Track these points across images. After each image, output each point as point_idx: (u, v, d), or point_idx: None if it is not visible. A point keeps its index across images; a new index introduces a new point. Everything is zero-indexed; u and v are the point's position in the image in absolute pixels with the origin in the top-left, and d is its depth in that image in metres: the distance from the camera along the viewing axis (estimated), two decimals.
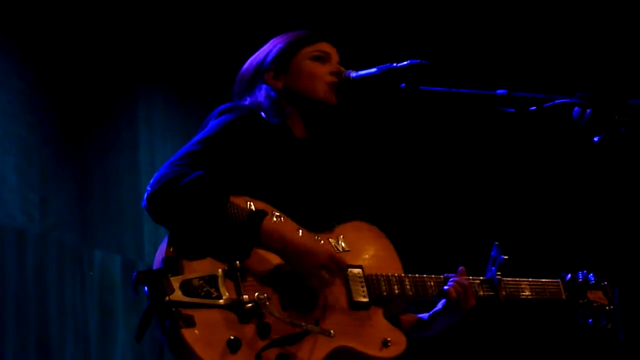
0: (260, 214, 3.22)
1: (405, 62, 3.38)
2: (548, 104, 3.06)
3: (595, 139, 2.89)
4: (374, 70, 3.48)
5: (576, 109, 2.97)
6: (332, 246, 3.45)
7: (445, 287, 3.58)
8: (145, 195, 3.23)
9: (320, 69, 3.63)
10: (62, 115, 5.90)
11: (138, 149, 6.25)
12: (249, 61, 3.73)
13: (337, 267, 3.30)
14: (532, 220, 6.77)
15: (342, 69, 3.63)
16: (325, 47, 3.69)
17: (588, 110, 2.93)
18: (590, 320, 3.90)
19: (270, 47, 3.71)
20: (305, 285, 3.28)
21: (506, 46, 6.76)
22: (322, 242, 3.42)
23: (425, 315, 3.74)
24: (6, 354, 5.31)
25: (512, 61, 6.64)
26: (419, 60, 3.36)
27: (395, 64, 3.40)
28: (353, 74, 3.55)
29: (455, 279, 3.60)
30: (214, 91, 3.90)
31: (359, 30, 6.75)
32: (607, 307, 3.91)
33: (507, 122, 5.74)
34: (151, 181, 3.23)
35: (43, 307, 5.54)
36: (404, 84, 3.38)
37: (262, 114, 3.55)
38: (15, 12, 5.74)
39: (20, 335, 5.40)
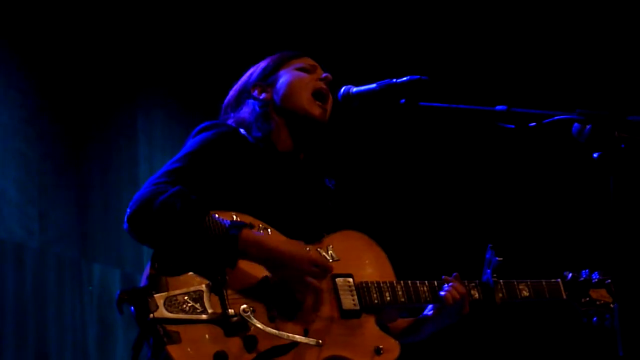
0: (239, 225, 3.22)
1: (405, 78, 3.38)
2: (547, 120, 3.06)
3: (595, 155, 2.89)
4: (373, 86, 3.47)
5: (576, 125, 2.97)
6: (321, 255, 3.45)
7: (442, 293, 3.57)
8: (125, 217, 3.24)
9: (306, 77, 3.65)
10: (61, 129, 5.91)
11: (138, 163, 6.25)
12: (232, 88, 3.77)
13: (322, 270, 3.30)
14: (533, 232, 6.78)
15: (329, 76, 3.66)
16: (309, 61, 3.74)
17: (588, 127, 2.93)
18: (594, 319, 3.86)
19: (253, 69, 3.77)
20: (293, 295, 3.28)
21: (506, 62, 6.77)
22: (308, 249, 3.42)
23: (414, 319, 3.72)
24: None
25: (511, 77, 6.65)
26: (418, 76, 3.35)
27: (395, 80, 3.40)
28: (353, 89, 3.55)
29: (452, 284, 3.59)
30: (214, 106, 3.90)
31: (360, 45, 6.76)
32: (611, 305, 3.86)
33: (507, 138, 5.76)
34: (130, 203, 3.24)
35: (42, 321, 5.53)
36: (403, 100, 3.37)
37: (242, 130, 3.56)
38: (16, 26, 5.75)
39: (19, 349, 5.39)
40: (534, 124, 3.09)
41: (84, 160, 6.01)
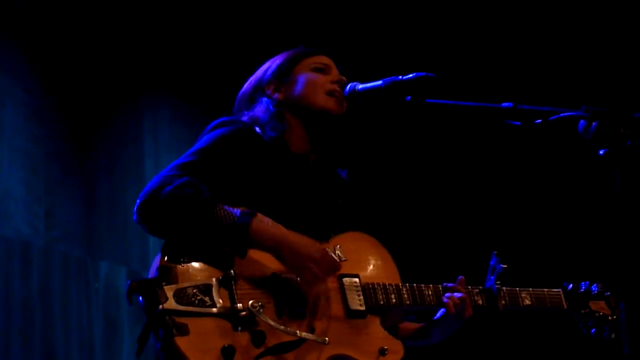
0: (250, 214, 3.23)
1: (411, 75, 3.38)
2: (553, 117, 3.06)
3: (601, 152, 2.89)
4: (379, 82, 3.48)
5: (582, 122, 2.97)
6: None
7: (444, 300, 3.58)
8: (135, 208, 3.25)
9: (321, 78, 3.65)
10: (67, 127, 5.91)
11: (144, 161, 6.25)
12: (248, 81, 3.77)
13: (330, 263, 3.32)
14: (537, 232, 6.77)
15: (344, 78, 3.65)
16: (324, 59, 3.73)
17: (594, 124, 2.93)
18: (593, 330, 3.89)
19: (269, 64, 3.76)
20: (301, 291, 3.30)
21: (512, 59, 6.77)
22: None
23: (424, 324, 3.74)
24: None
25: (517, 74, 6.65)
26: (424, 73, 3.36)
27: (401, 77, 3.40)
28: (359, 87, 3.55)
29: (454, 293, 3.60)
30: (220, 103, 3.91)
31: (365, 42, 6.76)
32: (609, 318, 3.89)
33: (513, 135, 5.76)
34: (140, 193, 3.25)
35: (48, 318, 5.54)
36: (409, 97, 3.37)
37: (257, 128, 3.56)
38: (22, 24, 5.76)
39: (26, 347, 5.40)
40: (539, 120, 3.09)
41: (90, 158, 6.01)
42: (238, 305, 3.17)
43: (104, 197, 6.03)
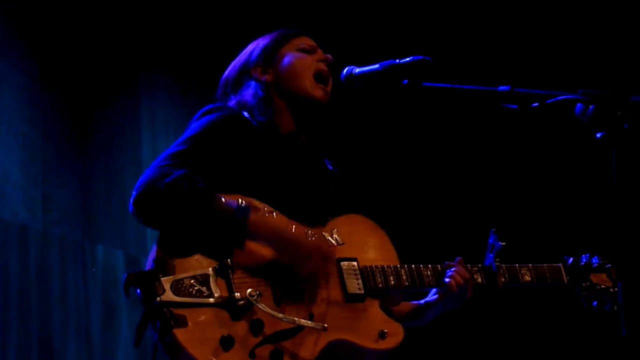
0: (247, 207, 3.23)
1: (407, 59, 3.37)
2: (550, 100, 3.05)
3: (598, 135, 2.89)
4: (376, 66, 3.47)
5: (579, 105, 2.96)
6: (326, 239, 3.45)
7: (447, 280, 3.58)
8: (131, 200, 3.24)
9: (307, 58, 3.66)
10: (65, 111, 5.91)
11: (141, 144, 6.25)
12: (232, 64, 3.76)
13: (323, 258, 3.32)
14: (536, 215, 6.77)
15: (329, 56, 3.66)
16: (308, 40, 3.74)
17: (591, 107, 2.93)
18: (594, 303, 3.89)
19: (254, 46, 3.76)
20: (298, 278, 3.30)
21: (509, 42, 6.76)
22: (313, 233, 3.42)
23: (418, 303, 3.74)
24: (9, 350, 5.32)
25: (514, 57, 6.64)
26: (421, 57, 3.35)
27: (397, 61, 3.39)
28: (356, 70, 3.55)
29: (456, 269, 3.61)
30: (217, 88, 3.90)
31: (364, 26, 6.75)
32: (611, 290, 3.89)
33: (510, 119, 5.76)
34: (136, 185, 3.24)
35: (45, 302, 5.54)
36: (406, 81, 3.37)
37: (245, 113, 3.56)
38: (20, 8, 5.75)
39: (23, 330, 5.41)
40: (536, 104, 3.08)
41: (87, 142, 6.01)
42: (236, 294, 3.17)
43: (101, 181, 6.03)
